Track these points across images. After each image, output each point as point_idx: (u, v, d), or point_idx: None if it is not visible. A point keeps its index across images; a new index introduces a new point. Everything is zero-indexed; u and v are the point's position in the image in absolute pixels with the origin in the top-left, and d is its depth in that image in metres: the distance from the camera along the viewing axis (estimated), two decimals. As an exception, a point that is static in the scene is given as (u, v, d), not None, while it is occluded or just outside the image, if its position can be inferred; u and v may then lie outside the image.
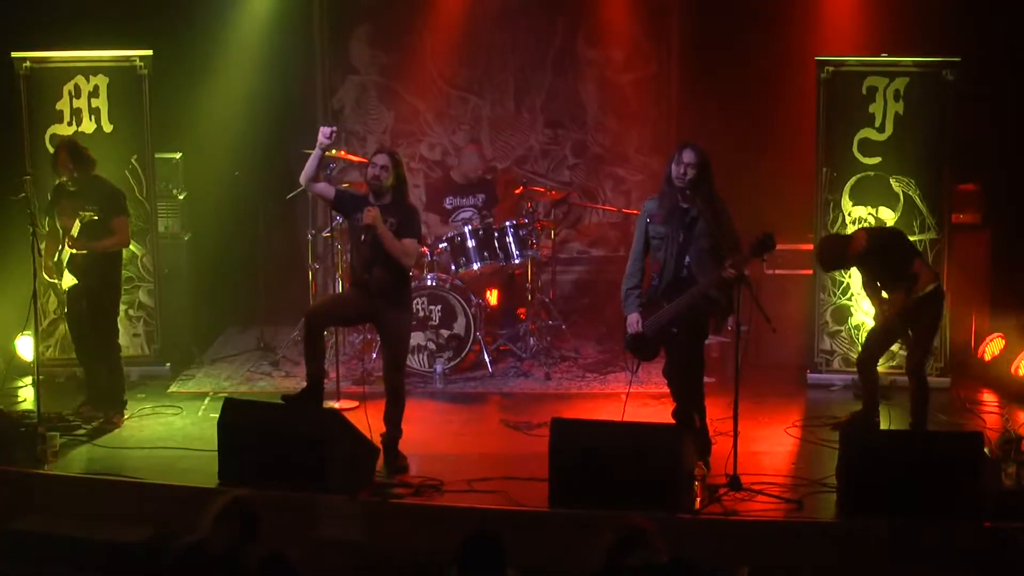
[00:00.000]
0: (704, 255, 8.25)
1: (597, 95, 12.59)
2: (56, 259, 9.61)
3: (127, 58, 10.61)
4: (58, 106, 10.58)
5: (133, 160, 10.64)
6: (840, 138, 10.36)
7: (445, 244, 10.99)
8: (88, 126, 10.60)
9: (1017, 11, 10.96)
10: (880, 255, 9.15)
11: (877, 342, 9.38)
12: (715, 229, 8.17)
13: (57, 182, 9.58)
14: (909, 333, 9.25)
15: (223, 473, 8.33)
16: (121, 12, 11.24)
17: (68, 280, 9.53)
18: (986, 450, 8.02)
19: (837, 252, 9.28)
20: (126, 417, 9.80)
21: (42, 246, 9.57)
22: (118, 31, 10.93)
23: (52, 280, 9.85)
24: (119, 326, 10.04)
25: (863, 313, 10.22)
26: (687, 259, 8.30)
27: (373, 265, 8.66)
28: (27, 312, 9.63)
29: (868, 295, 9.53)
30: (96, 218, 9.49)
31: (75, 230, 9.43)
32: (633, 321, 8.46)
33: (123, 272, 10.56)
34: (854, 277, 10.11)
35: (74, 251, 9.47)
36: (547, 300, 11.62)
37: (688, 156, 8.19)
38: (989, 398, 10.25)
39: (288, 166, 12.02)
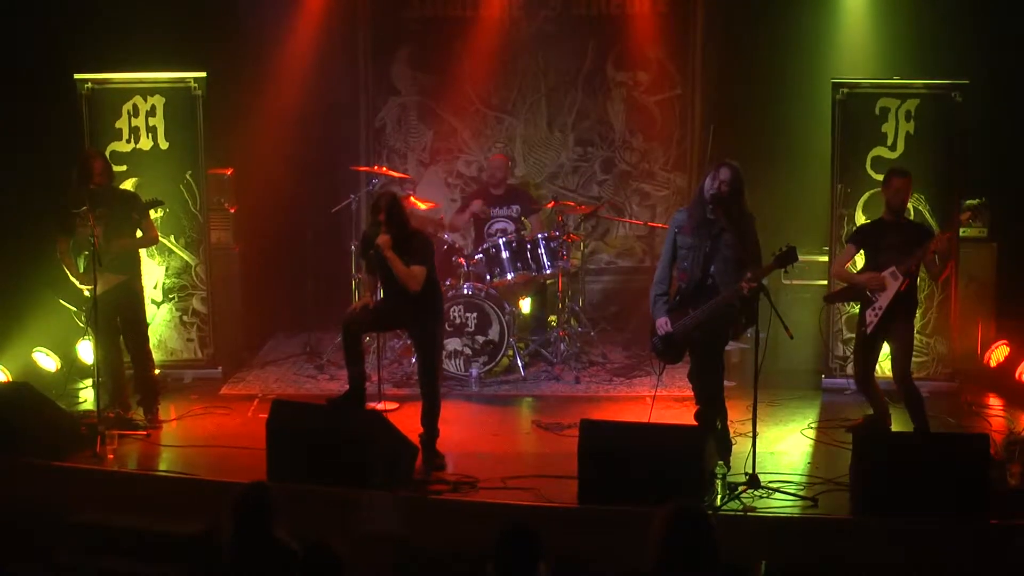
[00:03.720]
0: (729, 266, 8.44)
1: (625, 115, 12.86)
2: (85, 267, 9.57)
3: (182, 80, 10.85)
4: (117, 125, 10.83)
5: (187, 176, 10.91)
6: (854, 156, 10.56)
7: (480, 255, 11.23)
8: (145, 144, 10.85)
9: (1021, 38, 11.19)
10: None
11: (864, 356, 9.35)
12: (738, 244, 8.39)
13: (84, 190, 9.46)
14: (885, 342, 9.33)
15: (272, 470, 8.38)
16: (178, 36, 11.47)
17: (101, 284, 9.28)
18: (992, 451, 8.16)
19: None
20: (173, 416, 10.08)
21: (74, 262, 9.68)
22: (175, 53, 11.15)
23: (85, 287, 9.62)
24: (173, 331, 10.49)
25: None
26: (712, 268, 8.50)
27: (397, 285, 8.95)
28: (85, 318, 9.91)
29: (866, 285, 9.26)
30: (134, 218, 9.73)
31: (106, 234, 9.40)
32: (662, 323, 8.65)
33: (178, 281, 10.99)
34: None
35: (111, 252, 9.46)
36: (577, 308, 11.85)
37: (724, 174, 8.39)
38: (995, 402, 10.41)
39: (333, 181, 12.35)
